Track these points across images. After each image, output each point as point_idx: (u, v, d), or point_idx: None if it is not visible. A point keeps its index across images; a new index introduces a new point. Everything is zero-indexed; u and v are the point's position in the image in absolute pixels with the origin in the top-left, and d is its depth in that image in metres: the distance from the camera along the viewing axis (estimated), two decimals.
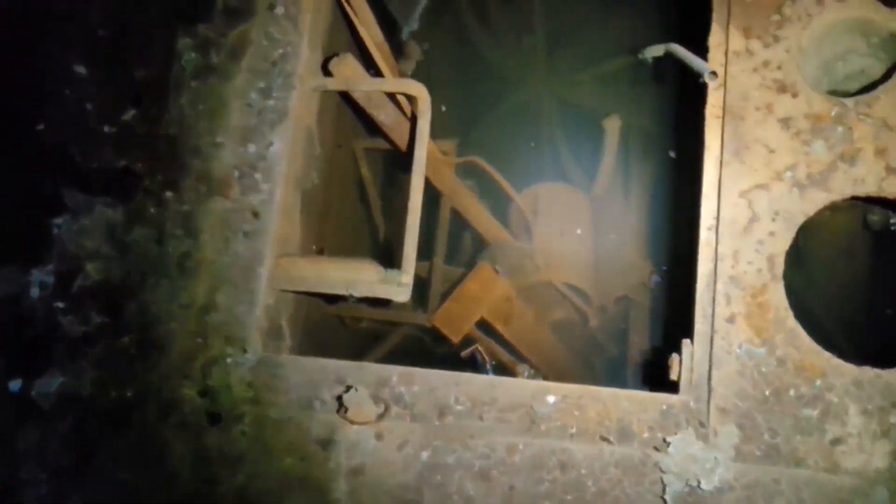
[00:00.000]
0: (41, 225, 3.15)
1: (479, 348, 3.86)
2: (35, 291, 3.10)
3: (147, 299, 3.03)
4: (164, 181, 3.11)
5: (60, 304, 3.08)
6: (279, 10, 3.23)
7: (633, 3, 4.12)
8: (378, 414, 2.77)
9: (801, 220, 2.67)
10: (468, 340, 3.88)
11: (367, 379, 2.85)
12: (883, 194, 2.63)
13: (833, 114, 2.70)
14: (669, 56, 3.15)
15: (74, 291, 3.09)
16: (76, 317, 3.06)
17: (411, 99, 3.38)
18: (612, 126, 4.07)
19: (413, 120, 3.34)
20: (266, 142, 3.12)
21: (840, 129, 2.69)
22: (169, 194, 3.10)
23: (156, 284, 3.04)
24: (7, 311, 3.12)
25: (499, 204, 4.30)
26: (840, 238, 3.52)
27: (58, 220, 3.14)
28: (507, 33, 4.72)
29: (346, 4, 3.35)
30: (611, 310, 4.18)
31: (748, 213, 2.69)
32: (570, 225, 4.22)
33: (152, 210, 3.10)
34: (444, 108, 4.33)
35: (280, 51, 3.19)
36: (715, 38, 2.87)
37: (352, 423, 2.78)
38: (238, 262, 3.04)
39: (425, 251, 3.97)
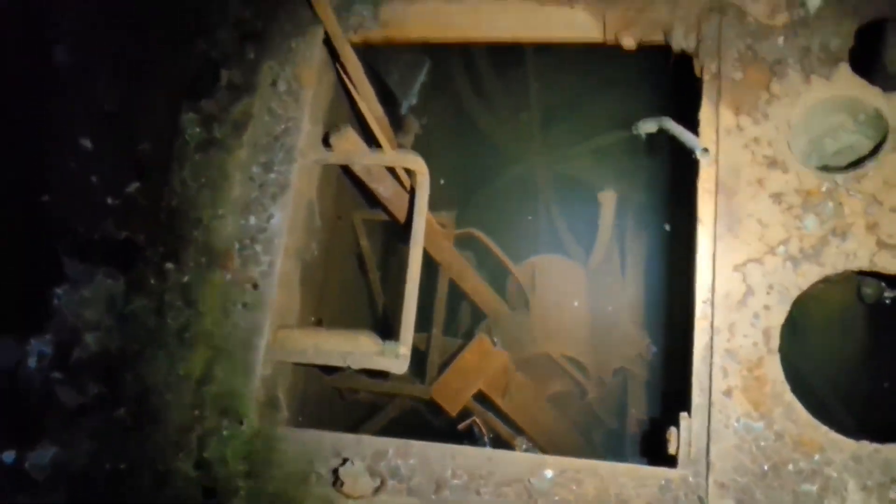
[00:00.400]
0: (42, 295, 3.18)
1: (477, 421, 3.82)
2: (33, 362, 3.10)
3: (144, 370, 3.04)
4: (165, 252, 3.15)
5: (58, 375, 3.08)
6: (281, 85, 3.32)
7: (627, 79, 4.22)
8: (374, 488, 2.74)
9: (795, 293, 2.69)
10: (466, 413, 3.86)
11: (363, 452, 2.83)
12: (875, 268, 2.66)
13: (823, 189, 2.76)
14: (662, 131, 3.22)
15: (72, 362, 3.09)
16: (73, 388, 3.06)
17: (410, 172, 3.44)
18: (608, 199, 4.13)
19: (412, 192, 3.39)
20: (267, 214, 3.17)
21: (831, 204, 2.74)
22: (170, 265, 3.14)
23: (154, 356, 3.05)
24: (3, 382, 3.11)
25: (496, 275, 4.32)
26: (835, 311, 3.53)
27: (58, 291, 3.17)
28: (505, 109, 4.84)
29: (346, 80, 3.43)
30: (608, 382, 4.16)
31: (743, 287, 2.72)
32: (566, 297, 4.24)
33: (152, 281, 3.13)
34: (442, 181, 4.40)
35: (282, 125, 3.27)
36: (706, 115, 2.95)
37: (348, 497, 2.75)
38: (236, 334, 3.06)
39: (423, 322, 3.97)
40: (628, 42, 3.24)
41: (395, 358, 3.08)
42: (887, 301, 3.38)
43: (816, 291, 3.40)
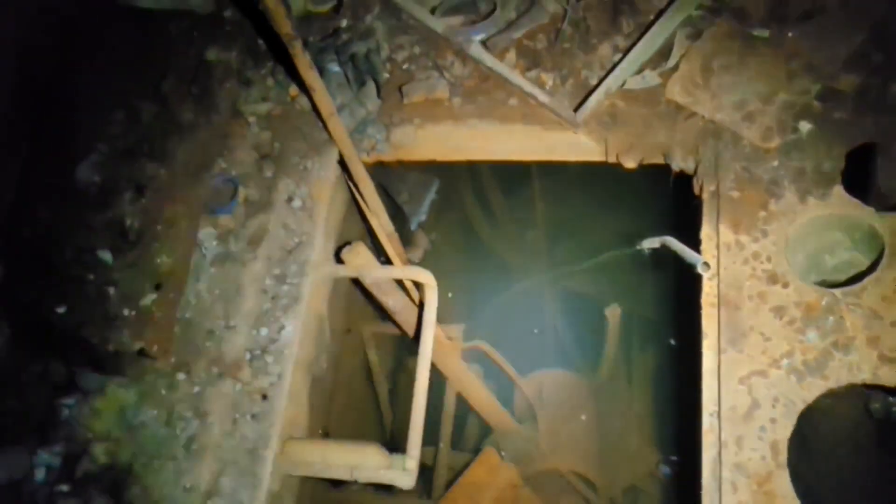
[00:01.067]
0: (52, 406, 3.21)
1: None
2: (41, 474, 3.09)
3: (151, 483, 3.03)
4: (177, 363, 3.20)
5: (64, 488, 3.06)
6: (296, 202, 3.46)
7: (629, 198, 4.36)
8: None
9: (801, 406, 2.71)
10: None
11: None
12: (879, 381, 2.69)
13: (823, 303, 2.82)
14: (665, 247, 3.31)
15: (79, 475, 3.08)
16: (79, 501, 3.03)
17: (419, 285, 3.52)
18: (614, 315, 4.19)
19: (420, 306, 3.45)
20: (278, 325, 3.23)
21: (831, 318, 2.79)
22: (181, 377, 3.18)
23: (161, 467, 3.05)
24: (9, 496, 3.10)
25: (504, 389, 4.33)
26: (845, 427, 3.51)
27: (69, 401, 3.19)
28: (511, 226, 4.96)
29: (358, 197, 3.57)
30: (619, 501, 4.09)
31: (748, 400, 2.74)
32: (574, 412, 4.23)
33: (163, 392, 3.17)
34: (450, 295, 4.47)
35: (296, 240, 3.39)
36: (706, 232, 3.05)
37: None
38: (244, 445, 3.06)
39: (430, 436, 3.95)
40: (630, 164, 3.40)
41: (403, 471, 3.06)
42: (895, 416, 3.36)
43: (824, 407, 3.42)
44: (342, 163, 3.54)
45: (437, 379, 4.06)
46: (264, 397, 3.14)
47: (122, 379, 3.17)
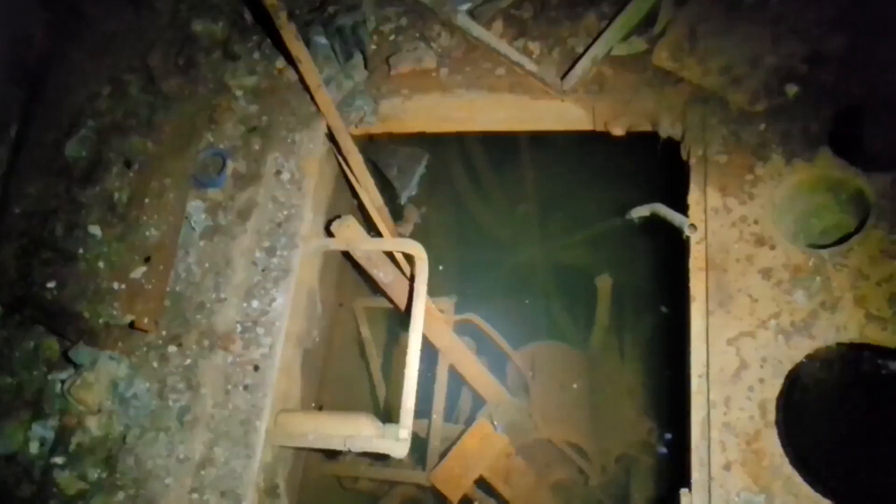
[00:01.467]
0: (46, 380, 3.22)
1: None
2: (35, 447, 3.11)
3: (144, 454, 3.04)
4: (168, 336, 3.21)
5: (59, 461, 3.08)
6: (285, 175, 3.46)
7: (619, 168, 4.37)
8: None
9: (789, 366, 2.73)
10: (467, 499, 3.81)
11: None
12: (866, 340, 2.71)
13: (811, 264, 2.83)
14: (655, 215, 3.32)
15: (73, 448, 3.10)
16: (73, 473, 3.05)
17: (409, 258, 3.52)
18: (604, 285, 4.21)
19: (411, 278, 3.46)
20: (269, 297, 3.24)
21: (818, 278, 2.81)
22: (172, 349, 3.18)
23: (154, 439, 3.06)
24: (4, 470, 3.12)
25: (496, 361, 4.34)
26: (835, 388, 3.53)
27: (62, 376, 3.20)
28: (502, 199, 4.97)
29: (347, 171, 3.57)
30: (612, 468, 4.12)
31: (736, 361, 2.76)
32: (566, 383, 4.25)
33: (155, 364, 3.17)
34: (441, 268, 4.49)
35: (285, 212, 3.39)
36: (694, 197, 3.06)
37: None
38: (237, 416, 3.08)
39: (424, 409, 3.97)
40: (617, 131, 3.40)
41: (396, 441, 3.07)
42: (886, 378, 3.38)
43: (815, 370, 3.44)
44: (331, 136, 3.53)
45: (430, 352, 4.08)
46: (256, 368, 3.15)
47: (113, 352, 3.17)
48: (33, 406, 3.19)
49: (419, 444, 4.03)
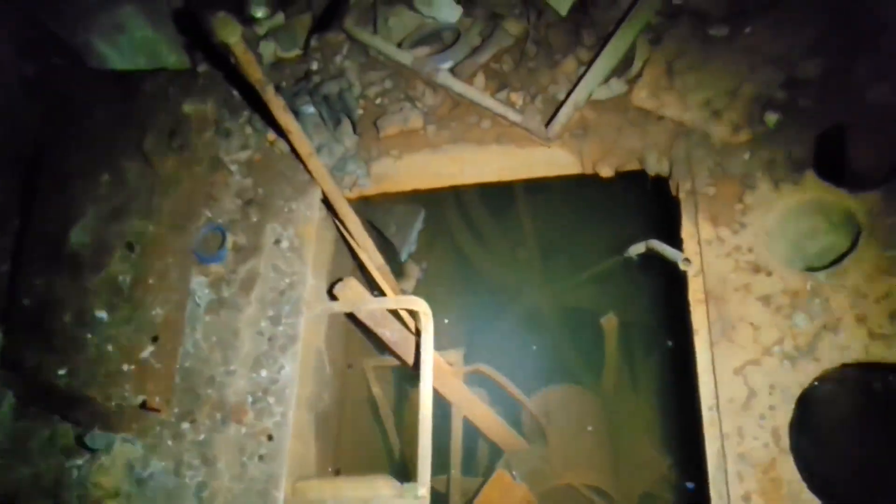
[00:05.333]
0: (63, 468, 3.23)
1: None
2: None
3: None
4: (180, 413, 3.23)
5: None
6: (284, 243, 3.51)
7: (615, 208, 4.41)
8: None
9: (797, 391, 2.73)
10: None
11: None
12: (871, 359, 2.71)
13: (808, 287, 2.85)
14: (651, 251, 3.35)
15: None
16: None
17: (414, 314, 3.55)
18: (610, 324, 4.21)
19: (417, 334, 3.49)
20: (278, 366, 3.27)
21: (818, 301, 2.82)
22: (186, 426, 3.20)
23: None
24: None
25: (510, 410, 4.34)
26: (849, 409, 3.51)
27: (78, 462, 3.22)
28: (501, 247, 5.01)
29: (346, 234, 3.62)
30: None
31: (745, 390, 2.77)
32: (583, 425, 4.23)
33: (169, 443, 3.19)
34: (446, 321, 4.51)
35: (287, 280, 3.43)
36: (687, 230, 3.09)
37: None
38: (254, 487, 3.08)
39: (441, 464, 3.96)
40: (606, 172, 3.46)
41: (415, 499, 3.07)
42: None
43: (828, 393, 3.43)
44: (326, 201, 3.60)
45: (443, 405, 4.08)
46: (270, 438, 3.16)
47: (127, 434, 3.20)
48: (52, 494, 3.20)
49: (440, 500, 4.01)
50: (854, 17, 3.23)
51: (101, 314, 3.45)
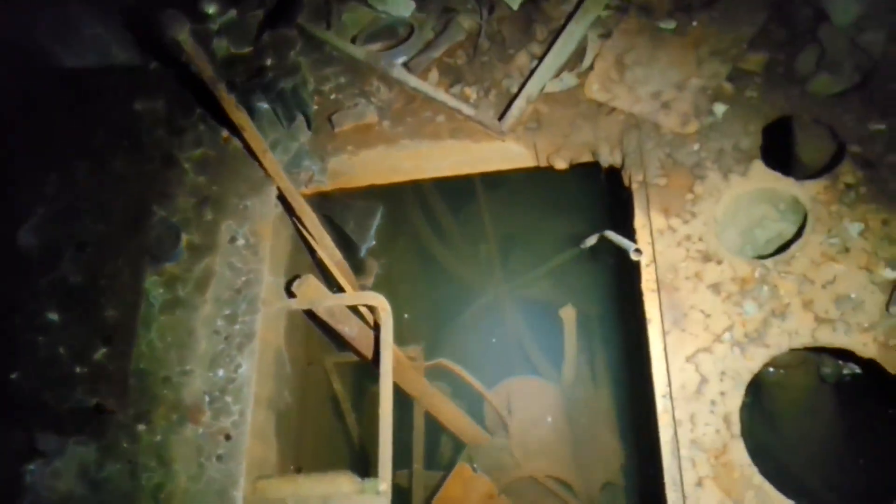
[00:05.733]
0: (15, 472, 3.18)
1: None
2: None
3: None
4: (136, 414, 3.19)
5: None
6: (240, 241, 3.49)
7: (571, 203, 4.46)
8: None
9: (748, 377, 2.77)
10: None
11: None
12: (818, 343, 2.77)
13: (757, 275, 2.90)
14: (605, 242, 3.39)
15: None
16: None
17: (373, 310, 3.55)
18: (568, 315, 4.25)
19: (377, 329, 3.48)
20: (234, 364, 3.24)
21: (766, 287, 2.88)
22: (141, 427, 3.17)
23: None
24: None
25: (473, 403, 4.36)
26: (801, 395, 3.59)
27: (31, 466, 3.17)
28: (462, 242, 5.03)
29: (303, 230, 3.60)
30: (597, 498, 4.12)
31: (697, 377, 2.80)
32: (544, 417, 4.26)
33: (125, 445, 3.15)
34: (406, 316, 4.51)
35: (243, 278, 3.41)
36: (639, 221, 3.13)
37: None
38: (212, 487, 3.05)
39: (403, 459, 3.97)
40: (560, 164, 3.48)
41: (376, 495, 3.06)
42: (847, 378, 3.45)
43: (780, 378, 3.50)
44: (282, 198, 3.57)
45: (404, 400, 4.09)
46: (228, 437, 3.14)
47: (81, 437, 3.15)
48: (5, 499, 3.15)
49: (402, 495, 4.02)
50: (794, 10, 3.29)
51: (52, 316, 3.40)
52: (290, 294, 3.50)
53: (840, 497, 3.40)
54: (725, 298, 2.90)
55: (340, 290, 3.73)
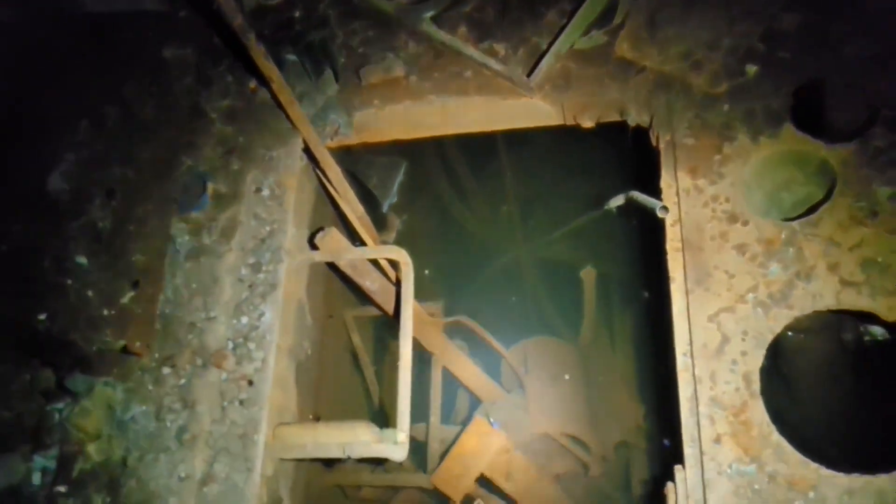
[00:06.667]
0: (44, 411, 3.25)
1: None
2: (37, 478, 3.14)
3: (146, 476, 3.07)
4: (161, 358, 3.25)
5: (62, 489, 3.11)
6: (265, 192, 3.51)
7: (594, 162, 4.43)
8: None
9: (769, 337, 2.79)
10: (470, 498, 3.85)
11: None
12: (842, 306, 2.77)
13: (783, 237, 2.90)
14: (631, 203, 3.38)
15: (75, 476, 3.13)
16: (77, 500, 3.08)
17: (395, 264, 3.58)
18: (589, 276, 4.26)
19: (398, 284, 3.51)
20: (258, 312, 3.29)
21: (791, 249, 2.87)
22: (167, 370, 3.23)
23: (155, 460, 3.09)
24: (8, 501, 3.14)
25: (490, 361, 4.39)
26: (821, 360, 3.59)
27: (59, 405, 3.24)
28: (483, 201, 5.03)
29: (327, 184, 3.63)
30: (611, 457, 4.17)
31: (718, 336, 2.82)
32: (561, 376, 4.30)
33: (150, 387, 3.21)
34: (427, 273, 4.53)
35: (268, 228, 3.44)
36: (665, 181, 3.12)
37: None
38: (235, 431, 3.11)
39: (420, 413, 4.02)
40: (587, 123, 3.47)
41: (394, 444, 3.12)
42: (868, 344, 3.44)
43: (800, 343, 3.50)
44: (307, 150, 3.59)
45: (423, 355, 4.13)
46: (250, 383, 3.19)
47: (108, 378, 3.22)
48: (33, 437, 3.22)
49: (419, 448, 4.08)
50: None
51: (81, 260, 3.45)
52: (313, 246, 3.54)
53: (854, 463, 3.41)
54: (750, 259, 2.90)
55: (362, 244, 3.76)
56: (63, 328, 3.33)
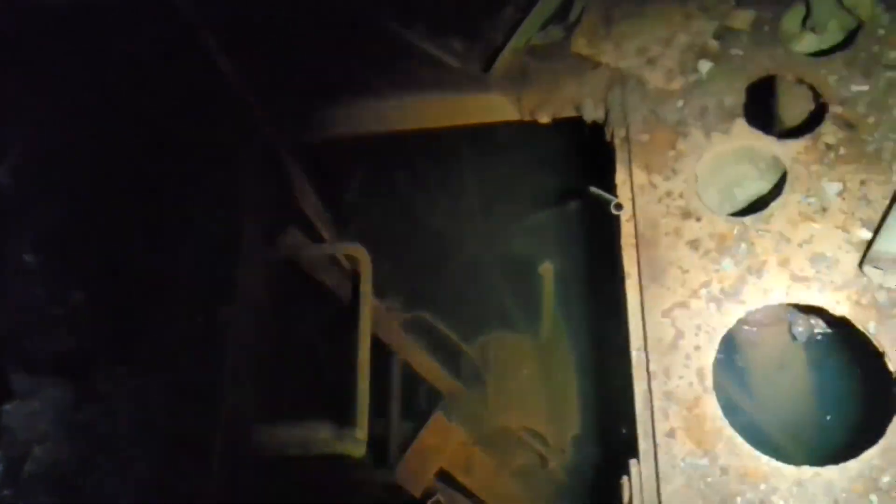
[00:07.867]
0: None
1: (441, 499, 3.83)
2: None
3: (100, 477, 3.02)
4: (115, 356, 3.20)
5: (7, 493, 3.04)
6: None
7: (555, 157, 4.46)
8: None
9: (722, 332, 2.82)
10: (430, 493, 3.86)
11: None
12: (792, 301, 2.82)
13: (735, 232, 2.93)
14: (587, 199, 3.40)
15: (24, 477, 3.07)
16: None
17: (353, 260, 3.57)
18: (547, 272, 4.29)
19: (356, 279, 3.51)
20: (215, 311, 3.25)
21: (743, 245, 2.91)
22: (122, 369, 3.17)
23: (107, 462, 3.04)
24: None
25: (451, 357, 4.40)
26: (774, 353, 3.66)
27: (6, 407, 3.17)
28: (444, 197, 5.03)
29: (287, 180, 3.60)
30: (568, 450, 4.21)
31: (672, 331, 2.84)
32: (519, 371, 4.33)
33: (104, 387, 3.16)
34: (387, 268, 4.52)
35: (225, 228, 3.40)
36: (620, 177, 3.14)
37: None
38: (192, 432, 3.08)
39: (381, 408, 4.01)
40: (544, 119, 3.48)
41: (354, 441, 3.13)
42: (819, 338, 3.51)
43: (754, 337, 3.56)
44: (267, 146, 3.55)
45: (383, 351, 4.12)
46: (209, 384, 3.15)
47: (58, 379, 3.15)
48: None
49: (380, 444, 4.07)
50: None
51: (29, 257, 3.37)
52: (272, 243, 3.51)
53: (807, 453, 3.48)
54: (704, 255, 2.93)
55: (321, 241, 3.75)
56: (10, 328, 3.25)
